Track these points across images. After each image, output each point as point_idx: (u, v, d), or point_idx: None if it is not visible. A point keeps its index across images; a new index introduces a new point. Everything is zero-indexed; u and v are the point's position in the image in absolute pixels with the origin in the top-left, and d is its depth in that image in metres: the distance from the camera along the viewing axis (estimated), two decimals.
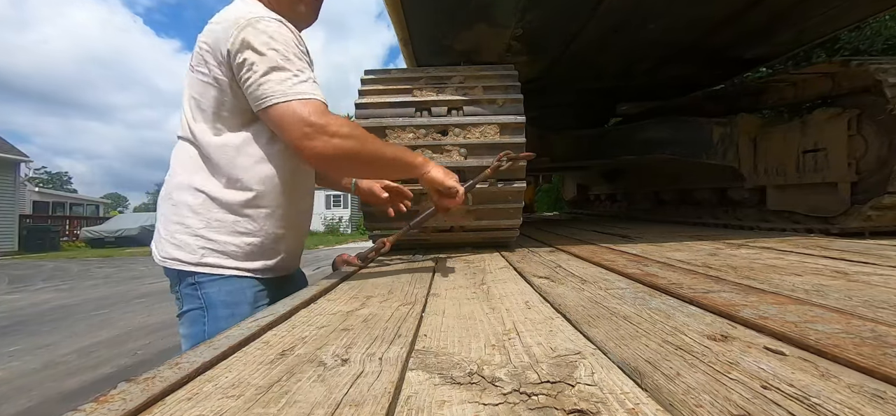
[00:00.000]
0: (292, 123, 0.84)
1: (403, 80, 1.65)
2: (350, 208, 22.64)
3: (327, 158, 0.87)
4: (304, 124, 0.84)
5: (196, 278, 0.93)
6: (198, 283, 0.93)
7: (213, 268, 0.93)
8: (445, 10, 1.77)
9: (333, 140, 0.86)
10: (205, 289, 0.93)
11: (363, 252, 1.29)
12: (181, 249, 0.93)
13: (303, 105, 0.84)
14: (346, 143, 0.87)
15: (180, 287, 0.95)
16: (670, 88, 3.04)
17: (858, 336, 0.53)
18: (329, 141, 0.85)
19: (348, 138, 0.87)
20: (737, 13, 1.89)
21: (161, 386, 0.43)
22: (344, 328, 0.65)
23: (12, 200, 14.34)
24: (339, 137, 0.86)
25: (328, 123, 0.85)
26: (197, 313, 0.93)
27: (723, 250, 1.45)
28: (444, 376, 0.46)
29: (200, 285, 0.93)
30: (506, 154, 1.46)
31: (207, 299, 0.93)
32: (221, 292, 0.94)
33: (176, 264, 0.93)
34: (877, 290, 0.81)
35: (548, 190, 9.24)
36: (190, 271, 0.93)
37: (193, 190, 0.93)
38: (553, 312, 0.73)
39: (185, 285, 0.94)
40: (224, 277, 0.94)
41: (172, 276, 0.97)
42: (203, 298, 0.93)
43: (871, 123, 1.82)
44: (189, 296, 0.94)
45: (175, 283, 0.97)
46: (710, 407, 0.38)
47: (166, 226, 0.95)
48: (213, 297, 0.93)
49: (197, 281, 0.93)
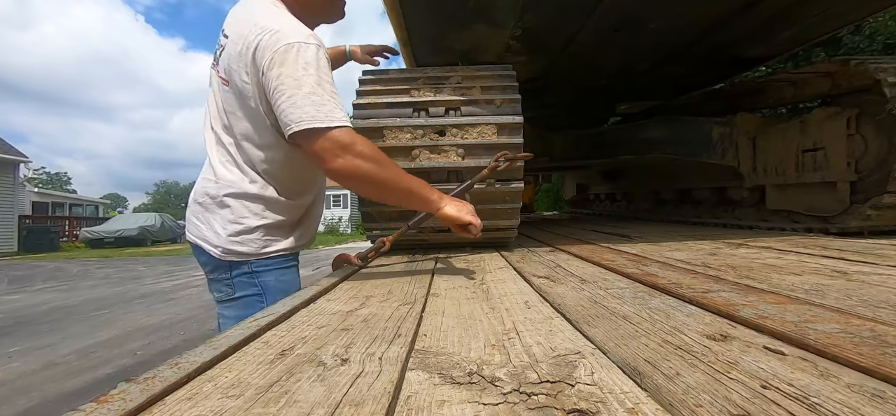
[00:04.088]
0: (324, 144, 0.91)
1: (401, 80, 1.65)
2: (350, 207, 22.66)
3: (347, 175, 0.93)
4: (336, 146, 0.91)
5: (252, 267, 1.06)
6: (254, 271, 1.06)
7: (269, 255, 1.07)
8: (444, 10, 1.77)
9: (356, 160, 0.92)
10: (261, 277, 1.06)
11: (363, 252, 1.29)
12: (242, 244, 1.05)
13: (336, 133, 0.91)
14: (366, 164, 0.93)
15: (232, 275, 1.07)
16: (670, 87, 3.04)
17: (858, 336, 0.53)
18: (352, 160, 0.92)
19: (369, 160, 0.94)
20: (736, 13, 1.89)
21: (161, 386, 0.43)
22: (344, 328, 0.65)
23: (11, 201, 14.32)
24: (361, 158, 0.93)
25: (354, 142, 0.92)
26: (253, 299, 1.06)
27: (722, 250, 1.45)
28: (443, 375, 0.46)
29: (257, 273, 1.06)
30: (503, 154, 1.46)
31: (264, 286, 1.07)
32: (276, 280, 1.07)
33: (237, 256, 1.05)
34: (876, 289, 0.81)
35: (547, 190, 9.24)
36: (247, 260, 1.06)
37: (245, 192, 1.04)
38: (553, 311, 0.73)
39: (239, 273, 1.06)
40: (277, 259, 1.08)
41: (223, 266, 1.07)
42: (260, 284, 1.06)
43: (871, 123, 1.82)
44: (243, 283, 1.06)
45: (224, 271, 1.07)
46: (709, 407, 0.38)
47: (224, 226, 1.05)
48: (269, 284, 1.07)
49: (253, 270, 1.06)
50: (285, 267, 1.11)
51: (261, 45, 0.91)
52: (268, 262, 1.07)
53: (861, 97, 1.87)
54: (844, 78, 1.95)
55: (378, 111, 1.57)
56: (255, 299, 1.06)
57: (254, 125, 1.01)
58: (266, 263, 1.07)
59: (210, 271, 1.10)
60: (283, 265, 1.10)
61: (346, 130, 0.92)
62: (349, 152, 0.91)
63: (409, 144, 1.52)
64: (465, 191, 1.39)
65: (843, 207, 1.89)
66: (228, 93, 1.01)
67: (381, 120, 1.55)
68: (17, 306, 5.57)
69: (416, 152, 1.52)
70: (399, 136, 1.54)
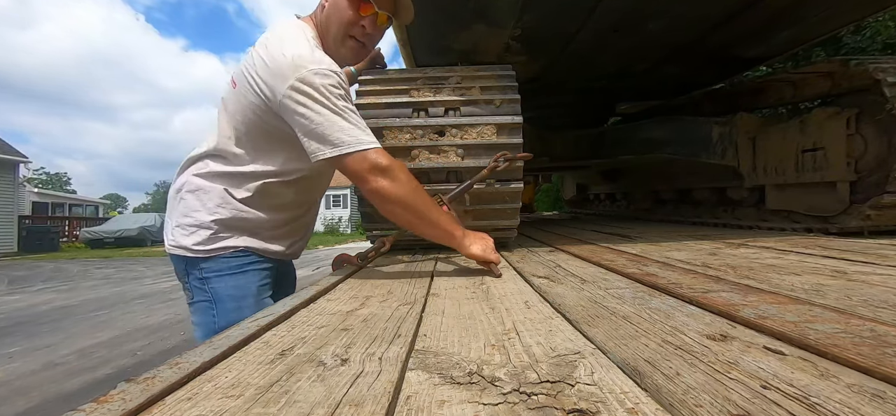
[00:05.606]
0: (362, 168, 0.95)
1: (401, 80, 1.64)
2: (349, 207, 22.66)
3: (387, 197, 0.96)
4: (375, 169, 0.95)
5: (202, 272, 1.04)
6: (204, 277, 1.05)
7: (216, 252, 1.04)
8: (444, 10, 1.77)
9: (395, 183, 0.96)
10: (211, 283, 1.04)
11: (363, 252, 1.29)
12: (187, 236, 1.04)
13: (372, 153, 0.96)
14: (405, 188, 0.97)
15: (189, 280, 1.07)
16: (670, 87, 3.04)
17: (858, 336, 0.53)
18: (392, 184, 0.96)
19: (407, 184, 0.98)
20: (736, 12, 1.89)
21: (161, 386, 0.43)
22: (343, 328, 0.65)
23: (11, 201, 14.32)
24: (399, 182, 0.97)
25: (392, 166, 0.97)
26: (204, 305, 1.05)
27: (722, 250, 1.45)
28: (443, 375, 0.46)
29: (207, 280, 1.04)
30: (503, 154, 1.46)
31: (214, 293, 1.04)
32: (225, 286, 1.04)
33: (182, 250, 1.04)
34: (876, 289, 0.81)
35: (547, 190, 9.24)
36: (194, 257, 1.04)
37: (202, 188, 1.05)
38: (553, 311, 0.73)
39: (193, 278, 1.06)
40: (226, 260, 1.05)
41: (179, 266, 1.08)
42: (210, 292, 1.04)
43: (871, 123, 1.82)
44: (196, 288, 1.06)
45: (182, 274, 1.08)
46: (709, 407, 0.38)
47: (177, 219, 1.06)
48: (218, 291, 1.04)
49: (203, 276, 1.04)
50: (238, 271, 1.06)
51: (281, 69, 0.94)
52: (217, 266, 1.04)
53: (861, 97, 1.87)
54: (844, 78, 1.95)
55: (377, 111, 1.57)
56: (207, 305, 1.04)
57: (231, 121, 1.04)
58: (215, 267, 1.04)
59: (176, 272, 1.11)
60: (236, 270, 1.05)
61: (382, 151, 0.97)
62: (388, 176, 0.96)
63: (409, 144, 1.52)
64: (464, 191, 1.39)
65: (843, 207, 1.89)
66: (233, 96, 1.04)
67: (381, 120, 1.55)
68: (17, 306, 5.57)
69: (416, 153, 1.52)
70: (398, 136, 1.54)
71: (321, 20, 1.10)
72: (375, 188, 0.95)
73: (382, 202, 0.97)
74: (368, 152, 0.95)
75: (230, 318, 0.99)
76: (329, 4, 1.08)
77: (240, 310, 1.01)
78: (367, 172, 0.94)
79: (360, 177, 0.95)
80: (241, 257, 1.06)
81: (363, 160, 0.94)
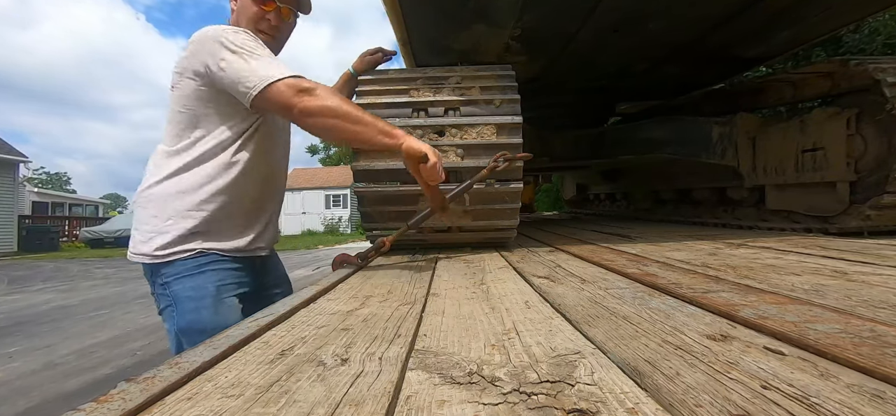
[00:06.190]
0: (285, 94, 0.99)
1: (401, 80, 1.64)
2: (349, 207, 22.66)
3: (313, 111, 1.00)
4: (296, 91, 0.99)
5: (163, 277, 1.04)
6: (166, 283, 1.05)
7: (172, 256, 1.04)
8: (444, 10, 1.77)
9: (320, 99, 1.00)
10: (171, 287, 1.04)
11: (363, 252, 1.29)
12: (145, 244, 1.05)
13: (292, 79, 1.00)
14: (330, 100, 1.00)
15: (154, 288, 1.08)
16: (669, 87, 3.04)
17: (858, 336, 0.53)
18: (317, 99, 0.99)
19: (332, 96, 1.01)
20: (736, 12, 1.89)
21: (161, 386, 0.43)
22: (344, 328, 0.65)
23: (11, 201, 14.31)
24: (323, 97, 1.00)
25: (315, 86, 1.01)
26: (169, 310, 1.05)
27: (722, 250, 1.46)
28: (443, 375, 0.46)
29: (167, 284, 1.05)
30: (503, 154, 1.46)
31: (173, 296, 1.04)
32: (183, 288, 1.04)
33: (141, 257, 1.05)
34: (876, 290, 0.81)
35: (547, 190, 9.24)
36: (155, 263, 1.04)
37: (152, 192, 1.07)
38: (553, 311, 0.73)
39: (157, 285, 1.06)
40: (183, 262, 1.05)
41: (146, 274, 1.09)
42: (171, 295, 1.04)
43: (871, 123, 1.82)
44: (160, 295, 1.07)
45: (150, 283, 1.09)
46: (709, 407, 0.38)
47: (137, 227, 1.08)
48: (177, 293, 1.04)
49: (164, 281, 1.05)
50: (196, 272, 1.05)
51: (202, 43, 1.02)
52: (176, 271, 1.04)
53: (861, 97, 1.87)
54: (844, 78, 1.95)
55: (377, 111, 1.57)
56: (170, 309, 1.05)
57: (173, 119, 1.08)
58: (174, 271, 1.04)
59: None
60: (194, 270, 1.05)
61: (304, 78, 1.01)
62: (312, 94, 0.99)
63: None
64: (464, 191, 1.39)
65: (842, 207, 1.89)
66: (171, 98, 1.09)
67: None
68: (17, 306, 5.57)
69: None
70: None
71: (232, 21, 1.18)
72: (303, 107, 0.99)
73: (312, 118, 1.00)
74: (289, 79, 0.99)
75: (189, 318, 1.01)
76: (238, 6, 1.17)
77: (198, 311, 1.02)
78: (293, 96, 0.98)
79: (287, 103, 0.99)
80: (198, 259, 1.06)
81: (286, 87, 0.99)
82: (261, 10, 1.15)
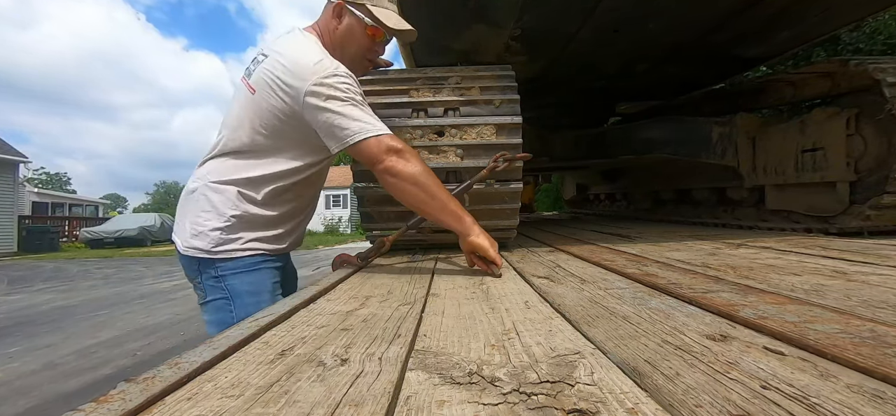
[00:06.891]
0: (376, 150, 1.04)
1: (400, 80, 1.64)
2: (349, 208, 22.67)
3: (399, 174, 1.04)
4: (385, 149, 1.04)
5: (218, 270, 1.09)
6: (220, 275, 1.10)
7: (229, 254, 1.09)
8: (443, 10, 1.77)
9: (408, 163, 1.04)
10: (227, 281, 1.10)
11: (363, 252, 1.29)
12: (199, 240, 1.09)
13: (386, 137, 1.05)
14: (416, 168, 1.05)
15: (202, 278, 1.11)
16: (670, 87, 3.04)
17: (857, 336, 0.53)
18: (405, 163, 1.04)
19: (418, 164, 1.06)
20: (736, 12, 1.89)
21: (161, 386, 0.43)
22: (343, 328, 0.65)
23: (11, 201, 14.32)
24: (411, 163, 1.05)
25: (405, 149, 1.06)
26: (221, 302, 1.10)
27: (722, 250, 1.46)
28: (443, 376, 0.46)
29: (223, 277, 1.10)
30: (502, 155, 1.46)
31: (231, 289, 1.10)
32: (241, 283, 1.10)
33: (195, 251, 1.09)
34: (876, 290, 0.81)
35: (547, 190, 9.23)
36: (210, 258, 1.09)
37: (217, 190, 1.10)
38: (552, 311, 0.73)
39: (207, 276, 1.10)
40: (241, 261, 1.11)
41: (192, 266, 1.12)
42: (227, 288, 1.10)
43: (870, 123, 1.82)
44: (211, 287, 1.11)
45: (194, 273, 1.13)
46: (709, 407, 0.38)
47: (191, 219, 1.10)
48: (235, 287, 1.10)
49: (219, 274, 1.10)
50: (253, 269, 1.13)
51: (303, 71, 1.04)
52: (232, 264, 1.10)
53: (861, 97, 1.87)
54: (844, 78, 1.95)
55: (377, 112, 1.56)
56: (223, 302, 1.10)
57: (245, 124, 1.09)
58: (231, 265, 1.10)
59: (186, 273, 1.16)
60: (251, 267, 1.12)
61: (395, 136, 1.06)
62: (402, 156, 1.04)
63: (409, 144, 1.52)
64: (464, 191, 1.39)
65: (842, 207, 1.89)
66: (251, 101, 1.09)
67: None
68: (17, 306, 5.57)
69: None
70: (398, 136, 1.54)
71: (334, 39, 1.20)
72: (389, 167, 1.03)
73: (395, 180, 1.04)
74: (383, 137, 1.04)
75: (249, 311, 1.06)
76: (343, 28, 1.19)
77: (258, 304, 1.05)
78: (383, 153, 1.03)
79: (376, 158, 1.03)
80: (254, 257, 1.13)
81: (378, 143, 1.03)
82: (372, 42, 1.22)
